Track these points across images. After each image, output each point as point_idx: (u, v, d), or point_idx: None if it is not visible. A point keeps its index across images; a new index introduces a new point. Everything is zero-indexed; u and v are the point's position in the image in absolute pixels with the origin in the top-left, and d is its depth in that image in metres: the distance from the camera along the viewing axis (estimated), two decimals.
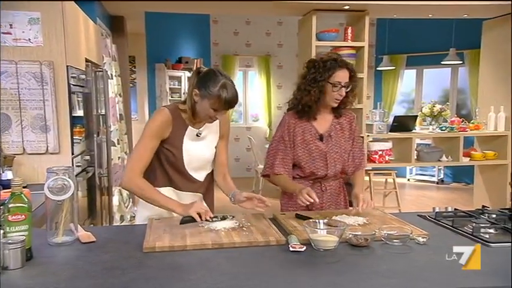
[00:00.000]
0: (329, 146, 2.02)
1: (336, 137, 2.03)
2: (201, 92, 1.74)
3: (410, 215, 2.00)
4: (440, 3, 4.24)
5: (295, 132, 2.01)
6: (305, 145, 2.01)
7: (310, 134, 2.01)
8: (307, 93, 1.96)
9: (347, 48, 4.68)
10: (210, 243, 1.50)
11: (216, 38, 7.66)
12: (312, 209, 2.00)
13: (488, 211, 1.88)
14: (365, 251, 1.51)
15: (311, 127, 2.02)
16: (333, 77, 1.93)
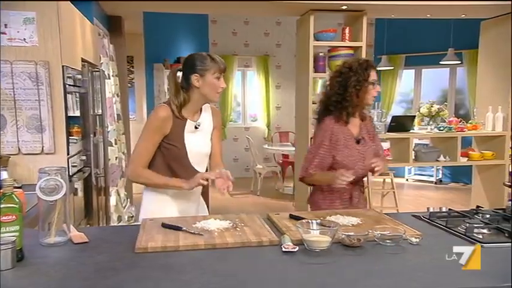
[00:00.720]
0: (365, 148, 2.14)
1: (367, 138, 2.17)
2: (199, 73, 1.85)
3: (404, 215, 2.00)
4: (438, 3, 4.23)
5: (338, 137, 2.08)
6: (347, 149, 2.09)
7: (349, 138, 2.10)
8: (353, 95, 2.06)
9: (345, 49, 4.68)
10: (202, 243, 1.50)
11: (215, 38, 7.66)
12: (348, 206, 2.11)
13: (482, 211, 1.88)
14: (358, 251, 1.51)
15: (348, 131, 2.11)
16: (371, 76, 2.07)
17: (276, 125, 8.00)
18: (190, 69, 1.87)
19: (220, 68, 1.88)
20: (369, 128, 2.21)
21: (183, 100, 1.89)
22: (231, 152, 7.91)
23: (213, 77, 1.86)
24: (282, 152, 6.68)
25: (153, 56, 6.40)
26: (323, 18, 4.78)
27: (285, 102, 7.77)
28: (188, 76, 1.88)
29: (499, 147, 4.92)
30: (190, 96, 1.90)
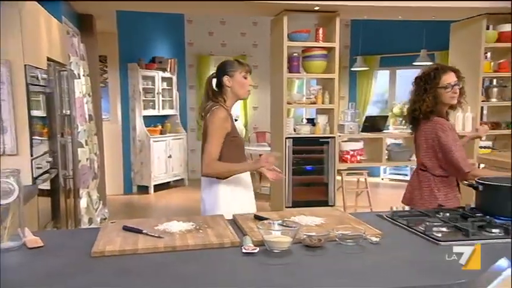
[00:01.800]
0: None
1: None
2: (229, 74, 2.24)
3: (369, 214, 2.03)
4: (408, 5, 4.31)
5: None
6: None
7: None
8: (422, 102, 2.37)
9: (318, 49, 4.72)
10: (162, 246, 1.48)
11: (191, 38, 7.60)
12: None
13: (443, 210, 1.92)
14: (319, 251, 1.52)
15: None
16: (445, 79, 2.35)
17: (253, 125, 7.99)
18: (222, 72, 2.26)
19: (246, 68, 2.27)
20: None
21: (222, 100, 2.26)
22: None
23: (241, 76, 2.24)
24: (259, 152, 6.67)
25: (128, 56, 6.30)
26: (298, 19, 4.81)
27: (262, 103, 7.76)
28: (221, 78, 2.26)
29: (469, 146, 5.03)
30: (225, 95, 2.27)
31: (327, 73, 4.82)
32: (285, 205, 4.92)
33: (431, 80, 2.35)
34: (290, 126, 4.95)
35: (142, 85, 6.49)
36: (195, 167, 7.84)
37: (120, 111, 6.41)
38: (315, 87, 5.03)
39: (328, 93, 4.89)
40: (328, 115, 4.97)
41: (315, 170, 4.99)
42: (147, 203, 6.20)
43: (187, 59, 7.62)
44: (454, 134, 2.36)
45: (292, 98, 4.98)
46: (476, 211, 1.86)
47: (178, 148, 7.04)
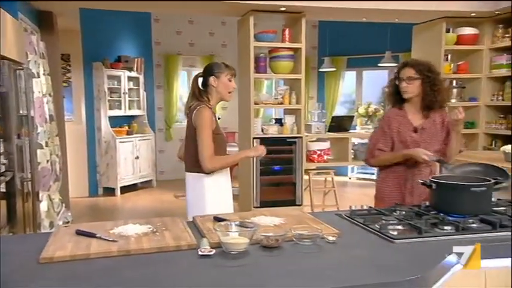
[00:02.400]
0: (422, 137, 2.36)
1: (429, 130, 2.36)
2: (215, 75, 2.39)
3: (328, 213, 2.05)
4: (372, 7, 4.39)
5: (391, 126, 2.41)
6: (400, 135, 2.38)
7: (405, 126, 2.38)
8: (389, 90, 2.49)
9: (285, 50, 4.74)
10: (115, 250, 1.44)
11: (158, 37, 7.49)
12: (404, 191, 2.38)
13: (400, 208, 1.96)
14: (276, 251, 1.52)
15: (407, 121, 2.39)
16: (400, 73, 2.39)
17: (223, 126, 7.93)
18: (208, 72, 2.41)
19: (232, 72, 2.43)
20: (436, 121, 2.39)
21: (207, 99, 2.39)
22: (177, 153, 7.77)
23: (226, 78, 2.39)
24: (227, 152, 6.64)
25: (92, 55, 6.14)
26: (267, 20, 4.82)
27: (231, 103, 7.69)
28: (207, 78, 2.41)
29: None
30: (210, 95, 2.41)
31: (294, 74, 4.85)
32: (253, 205, 4.92)
33: (396, 73, 2.44)
34: (258, 126, 4.95)
35: (108, 85, 6.35)
36: (163, 168, 7.74)
37: (84, 112, 6.24)
38: (282, 87, 5.05)
39: (295, 93, 4.92)
40: (296, 115, 5.01)
41: (282, 170, 5.02)
42: (114, 205, 6.07)
43: (154, 59, 7.51)
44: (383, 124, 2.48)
45: (259, 99, 4.98)
46: (431, 209, 1.91)
47: (146, 149, 6.93)
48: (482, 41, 5.11)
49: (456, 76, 5.28)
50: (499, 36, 4.95)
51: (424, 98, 2.34)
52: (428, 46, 5.23)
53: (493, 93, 5.15)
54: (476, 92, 5.27)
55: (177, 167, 8.09)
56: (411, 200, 2.34)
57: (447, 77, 5.24)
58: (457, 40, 5.08)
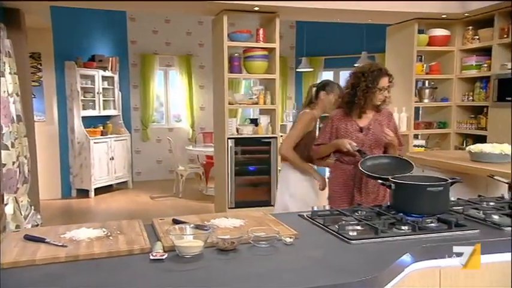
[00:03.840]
0: (367, 136, 2.49)
1: (374, 129, 2.49)
2: (327, 91, 2.92)
3: (291, 214, 2.04)
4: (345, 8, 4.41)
5: (339, 126, 2.55)
6: (348, 135, 2.50)
7: (352, 127, 2.53)
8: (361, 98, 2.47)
9: (259, 50, 4.73)
10: (63, 256, 1.40)
11: (134, 36, 7.39)
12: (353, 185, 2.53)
13: (361, 209, 1.96)
14: (231, 254, 1.49)
15: (353, 122, 2.54)
16: (380, 83, 2.46)
17: (200, 126, 7.90)
18: (322, 87, 2.95)
19: (341, 94, 2.77)
20: (382, 121, 2.55)
21: (314, 107, 2.94)
22: (154, 154, 7.70)
23: (334, 97, 2.86)
24: (204, 152, 6.60)
25: (64, 53, 6.00)
26: (241, 19, 4.79)
27: (209, 103, 7.67)
28: (319, 91, 2.94)
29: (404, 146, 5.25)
30: (317, 105, 2.94)
31: (268, 74, 4.84)
32: (228, 206, 4.90)
33: (374, 80, 2.45)
34: (233, 126, 4.92)
35: (81, 84, 6.22)
36: (140, 169, 7.64)
37: (56, 112, 6.10)
38: (257, 87, 5.04)
39: (270, 93, 4.91)
40: (271, 115, 5.00)
41: (257, 170, 5.00)
42: (87, 207, 5.95)
43: (130, 58, 7.41)
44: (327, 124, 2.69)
45: (234, 99, 4.96)
46: (392, 209, 1.92)
47: (121, 149, 6.82)
48: (453, 43, 5.20)
49: (428, 77, 5.36)
50: (469, 37, 5.04)
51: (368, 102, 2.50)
52: (401, 47, 5.30)
53: (464, 94, 5.25)
54: (448, 93, 5.36)
55: (153, 168, 8.10)
56: (360, 199, 2.42)
57: (420, 77, 5.32)
58: (429, 41, 5.16)
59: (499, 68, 4.72)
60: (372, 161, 2.30)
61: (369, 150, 2.48)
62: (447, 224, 1.70)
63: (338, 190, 2.56)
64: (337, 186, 2.57)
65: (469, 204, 2.02)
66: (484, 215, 1.82)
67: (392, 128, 2.55)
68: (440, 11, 4.74)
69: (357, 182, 2.48)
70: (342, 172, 2.56)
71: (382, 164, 2.27)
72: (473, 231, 1.67)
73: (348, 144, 2.42)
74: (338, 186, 2.57)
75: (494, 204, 2.00)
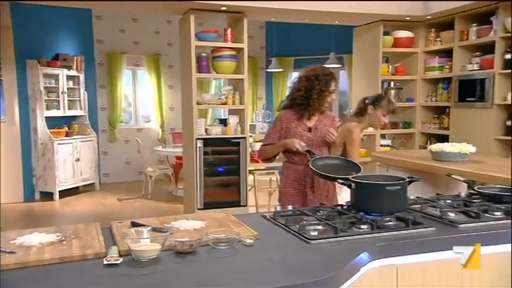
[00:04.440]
0: (315, 136, 2.56)
1: (321, 130, 2.56)
2: (375, 106, 2.97)
3: (254, 215, 2.04)
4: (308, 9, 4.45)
5: (289, 126, 2.57)
6: (298, 135, 2.53)
7: (301, 127, 2.56)
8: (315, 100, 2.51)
9: (227, 50, 4.71)
10: (12, 262, 1.33)
11: (100, 35, 7.21)
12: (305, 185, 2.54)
13: (323, 208, 1.97)
14: (190, 257, 1.47)
15: (302, 122, 2.58)
16: (331, 86, 2.54)
17: (170, 126, 7.80)
18: (372, 101, 2.99)
19: (388, 109, 2.98)
20: (327, 122, 2.62)
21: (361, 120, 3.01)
22: (122, 155, 7.54)
23: (381, 113, 2.95)
24: (174, 153, 6.52)
25: (26, 52, 5.79)
26: (210, 19, 4.75)
27: (178, 103, 7.59)
28: (368, 105, 2.99)
29: (372, 145, 5.36)
30: (364, 118, 3.00)
31: (237, 74, 4.83)
32: (197, 207, 4.85)
33: (326, 83, 2.51)
34: (201, 126, 4.88)
35: (44, 84, 6.02)
36: (108, 170, 7.47)
37: (18, 112, 5.88)
38: (225, 87, 5.02)
39: (238, 93, 4.90)
40: (239, 115, 4.99)
41: (227, 171, 4.98)
42: (51, 210, 5.76)
43: (96, 57, 7.23)
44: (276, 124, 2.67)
45: (203, 99, 4.92)
46: (353, 208, 1.94)
47: (87, 151, 6.65)
48: (417, 44, 5.34)
49: (394, 78, 5.48)
50: (432, 39, 5.19)
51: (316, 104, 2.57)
52: (367, 48, 5.40)
53: (428, 94, 5.40)
54: (413, 93, 5.50)
55: (122, 169, 7.93)
56: (313, 197, 2.46)
57: (386, 78, 5.43)
58: (394, 43, 5.28)
59: (460, 69, 4.89)
60: (322, 161, 2.33)
61: (317, 149, 2.53)
62: (405, 222, 1.73)
63: (291, 191, 2.57)
64: (290, 187, 2.58)
65: (427, 202, 2.05)
66: (441, 212, 1.86)
67: (335, 128, 2.65)
68: (404, 13, 4.86)
69: (308, 181, 2.52)
70: (293, 172, 2.58)
71: (332, 165, 2.31)
72: (429, 228, 1.70)
73: (297, 144, 2.45)
74: (291, 187, 2.58)
75: (451, 202, 2.04)
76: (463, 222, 1.76)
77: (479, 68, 4.70)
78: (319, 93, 2.51)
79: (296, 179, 2.56)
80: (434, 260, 1.63)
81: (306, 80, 2.56)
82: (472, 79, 4.71)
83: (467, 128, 4.76)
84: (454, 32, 4.89)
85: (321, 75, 2.53)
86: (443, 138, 4.82)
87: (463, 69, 4.85)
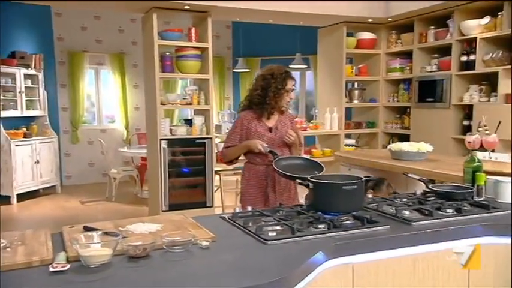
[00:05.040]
0: (276, 136, 2.56)
1: (281, 129, 2.56)
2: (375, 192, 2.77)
3: (213, 217, 2.00)
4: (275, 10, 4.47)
5: (249, 127, 2.55)
6: (259, 136, 2.52)
7: (262, 127, 2.56)
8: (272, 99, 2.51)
9: (192, 49, 4.65)
10: None
11: (61, 32, 6.97)
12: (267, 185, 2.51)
13: (282, 209, 1.97)
14: (142, 262, 1.43)
15: (262, 123, 2.57)
16: (287, 85, 2.53)
17: (135, 127, 7.64)
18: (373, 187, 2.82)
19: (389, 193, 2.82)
20: (286, 123, 2.62)
21: None
22: (85, 156, 7.32)
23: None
24: (139, 154, 6.38)
25: None
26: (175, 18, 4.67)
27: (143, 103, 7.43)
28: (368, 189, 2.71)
29: (336, 144, 5.44)
30: None
31: (202, 73, 4.78)
32: (162, 209, 4.78)
33: (282, 82, 2.51)
34: (166, 127, 4.81)
35: (0, 83, 5.75)
36: (70, 172, 7.23)
37: None
38: (190, 87, 4.96)
39: (204, 93, 4.85)
40: (205, 116, 4.94)
41: (192, 172, 4.92)
42: (8, 214, 5.51)
43: (57, 55, 6.98)
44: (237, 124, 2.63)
45: (167, 99, 4.84)
46: (311, 208, 1.94)
47: (48, 152, 6.41)
48: (379, 46, 5.46)
49: (357, 78, 5.58)
50: (393, 41, 5.32)
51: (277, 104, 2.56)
52: (331, 49, 5.47)
53: (390, 95, 5.53)
54: (376, 94, 5.62)
55: (85, 171, 7.70)
56: (275, 198, 2.46)
57: (349, 79, 5.53)
58: (357, 44, 5.38)
59: (420, 70, 5.03)
60: (285, 161, 2.33)
61: (278, 149, 2.53)
62: (360, 221, 1.75)
63: (252, 192, 2.57)
64: (251, 188, 2.58)
65: (384, 201, 2.10)
66: (396, 210, 1.90)
67: (295, 129, 2.67)
68: (366, 15, 4.95)
69: (270, 182, 2.52)
70: (255, 173, 2.57)
71: (295, 165, 2.31)
72: (385, 227, 1.73)
73: (259, 145, 2.45)
74: (252, 188, 2.57)
75: (407, 201, 2.09)
76: (417, 220, 1.80)
77: (437, 69, 4.85)
78: (275, 91, 2.51)
79: (257, 180, 2.56)
80: (389, 257, 1.65)
81: (263, 79, 2.56)
82: (431, 80, 4.87)
83: (427, 128, 4.91)
84: (414, 34, 5.03)
85: (276, 74, 2.54)
86: (404, 138, 4.95)
87: (423, 70, 5.00)
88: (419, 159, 3.23)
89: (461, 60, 4.56)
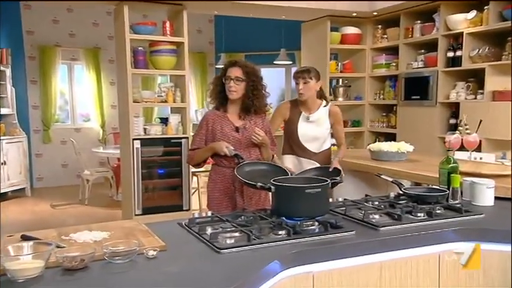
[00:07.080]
0: (244, 136, 2.36)
1: (250, 129, 2.36)
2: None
3: (169, 223, 1.78)
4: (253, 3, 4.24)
5: (214, 127, 2.38)
6: (224, 136, 2.35)
7: (227, 127, 2.37)
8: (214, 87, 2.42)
9: (166, 44, 4.40)
10: None
11: (31, 26, 6.61)
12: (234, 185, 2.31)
13: (244, 214, 1.80)
14: (79, 274, 1.22)
15: (228, 121, 2.38)
16: (227, 72, 2.33)
17: (112, 126, 7.31)
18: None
19: None
20: (257, 122, 2.41)
21: None
22: (58, 157, 6.97)
23: None
24: (114, 155, 6.07)
25: None
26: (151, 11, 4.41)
27: None
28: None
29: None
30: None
31: (177, 69, 4.53)
32: (135, 213, 4.50)
33: (225, 71, 2.37)
34: (139, 126, 4.54)
35: None
36: (42, 174, 6.87)
37: None
38: (165, 84, 4.70)
39: (179, 91, 4.60)
40: (181, 114, 4.69)
41: (168, 173, 4.66)
42: None
43: (27, 50, 6.63)
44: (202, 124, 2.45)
45: (141, 96, 4.56)
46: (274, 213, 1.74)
47: (16, 153, 6.06)
48: (364, 41, 5.28)
49: (342, 75, 5.39)
50: (378, 36, 5.15)
51: (244, 101, 2.34)
52: (315, 44, 5.27)
53: (376, 92, 5.35)
54: (361, 91, 5.44)
55: (58, 173, 7.34)
56: (242, 203, 2.28)
57: (334, 76, 5.33)
58: (342, 39, 5.18)
59: (406, 67, 4.87)
60: (249, 166, 2.16)
61: (246, 150, 2.35)
62: (324, 226, 1.57)
63: (218, 196, 2.36)
64: (217, 192, 2.36)
65: (354, 204, 1.92)
66: (363, 215, 1.73)
67: (266, 128, 2.45)
68: (350, 8, 4.76)
69: (238, 185, 2.30)
70: (221, 176, 2.35)
71: (259, 171, 2.13)
72: (349, 232, 1.57)
73: (225, 147, 2.27)
74: (218, 192, 2.35)
75: (378, 204, 1.93)
76: (385, 224, 1.65)
77: (423, 65, 4.69)
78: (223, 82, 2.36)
79: (224, 183, 2.34)
80: (353, 265, 1.50)
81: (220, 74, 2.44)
82: (417, 77, 4.71)
83: (413, 126, 4.74)
84: (400, 29, 4.87)
85: (225, 66, 2.40)
86: (390, 137, 4.76)
87: (409, 66, 4.83)
88: (399, 159, 3.09)
89: (447, 56, 4.40)
